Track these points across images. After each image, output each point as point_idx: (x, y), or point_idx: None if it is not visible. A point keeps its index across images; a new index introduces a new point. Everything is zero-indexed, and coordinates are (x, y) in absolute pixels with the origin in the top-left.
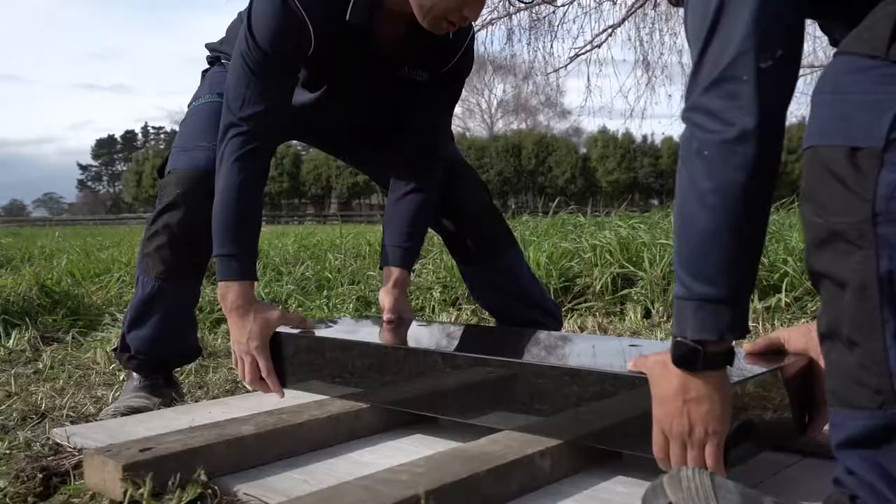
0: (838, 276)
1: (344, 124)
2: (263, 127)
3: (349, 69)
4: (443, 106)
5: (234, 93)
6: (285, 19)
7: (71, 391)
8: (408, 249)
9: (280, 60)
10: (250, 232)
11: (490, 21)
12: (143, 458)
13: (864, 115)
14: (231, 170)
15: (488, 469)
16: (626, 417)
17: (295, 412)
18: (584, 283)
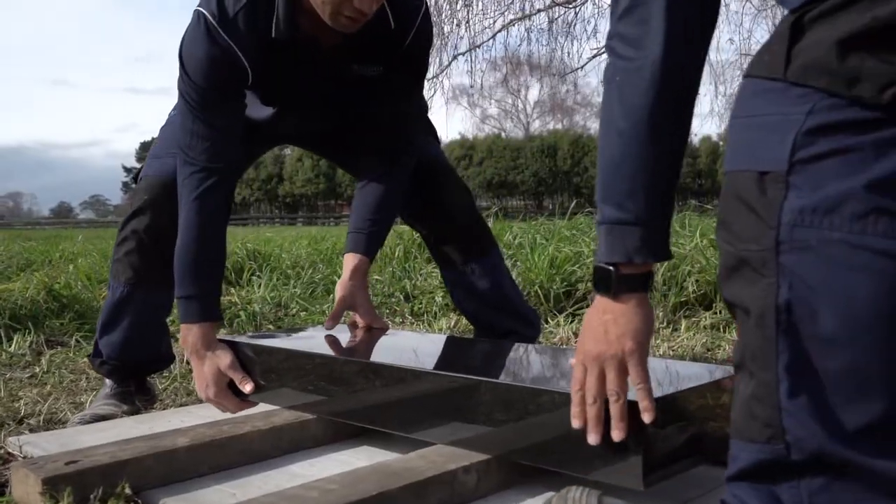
0: (743, 305)
1: (310, 130)
2: (216, 159)
3: (296, 80)
4: (403, 93)
5: (181, 131)
6: (214, 53)
7: (55, 396)
8: (369, 235)
9: (218, 92)
10: (211, 272)
11: (510, 22)
12: (66, 471)
13: (770, 137)
14: (190, 209)
15: (403, 486)
16: (557, 434)
17: (237, 423)
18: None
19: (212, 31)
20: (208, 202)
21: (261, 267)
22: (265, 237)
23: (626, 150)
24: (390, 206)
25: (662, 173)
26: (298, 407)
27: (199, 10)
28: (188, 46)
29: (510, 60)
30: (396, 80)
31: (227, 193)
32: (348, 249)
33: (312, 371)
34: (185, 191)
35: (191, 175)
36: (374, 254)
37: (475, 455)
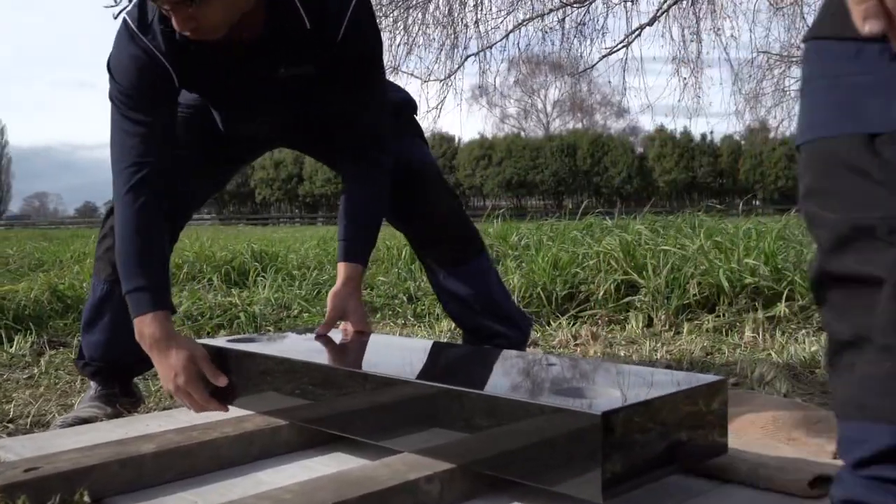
0: (869, 276)
1: (271, 131)
2: (146, 155)
3: (225, 82)
4: (352, 91)
5: (112, 134)
6: (135, 55)
7: (46, 398)
8: (358, 242)
9: (142, 92)
10: (156, 261)
11: (522, 22)
12: (24, 478)
13: (873, 98)
14: (124, 202)
15: (360, 496)
16: (519, 444)
17: (206, 429)
18: (589, 290)
19: (132, 35)
20: (140, 196)
21: (265, 268)
22: (272, 238)
23: None
24: (376, 210)
25: None
26: (270, 412)
27: (124, 15)
28: (113, 49)
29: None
30: (338, 78)
31: (158, 188)
32: (341, 258)
33: (282, 375)
34: (116, 188)
35: (121, 171)
36: (365, 260)
37: (439, 464)
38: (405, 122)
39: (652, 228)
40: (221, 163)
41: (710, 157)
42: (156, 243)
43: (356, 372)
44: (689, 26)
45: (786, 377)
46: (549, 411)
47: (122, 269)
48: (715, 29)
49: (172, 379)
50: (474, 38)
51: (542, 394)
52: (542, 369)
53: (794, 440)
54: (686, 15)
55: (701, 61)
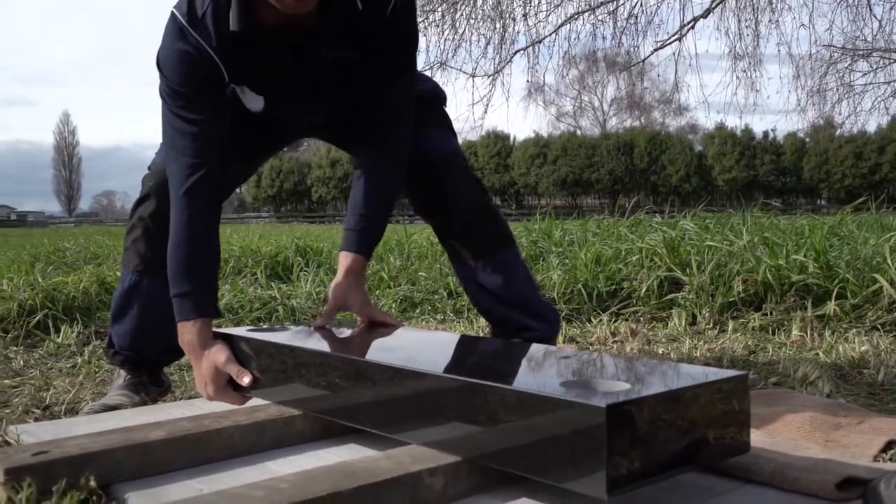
0: None
1: (312, 121)
2: (200, 155)
3: (273, 72)
4: (388, 77)
5: (164, 132)
6: (186, 51)
7: (82, 386)
8: (361, 233)
9: (194, 89)
10: (204, 267)
11: (573, 16)
12: (32, 461)
13: None
14: (180, 204)
15: (356, 487)
16: (525, 439)
17: (218, 418)
18: (631, 286)
19: (182, 30)
20: (195, 198)
21: (308, 262)
22: (318, 233)
23: None
24: (383, 201)
25: None
26: (287, 403)
27: (173, 10)
28: (163, 47)
29: (585, 56)
30: (378, 63)
31: (215, 189)
32: (342, 248)
33: (299, 366)
34: (172, 188)
35: (176, 172)
36: (368, 252)
37: (444, 457)
38: (433, 112)
39: (701, 226)
40: (253, 151)
41: (772, 154)
42: (207, 248)
43: (366, 362)
44: (746, 18)
45: (831, 377)
46: (554, 403)
47: (171, 272)
48: (774, 21)
49: (204, 388)
50: (523, 32)
51: (550, 386)
52: (555, 362)
53: (831, 441)
54: (743, 7)
55: (760, 55)
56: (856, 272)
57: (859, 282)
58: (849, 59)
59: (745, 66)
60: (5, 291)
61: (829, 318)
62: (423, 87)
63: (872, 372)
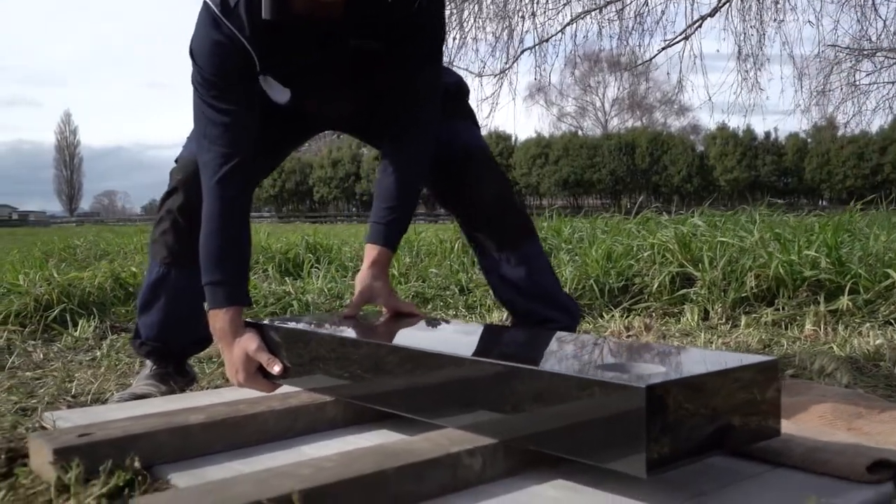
0: None
1: (337, 112)
2: (233, 145)
3: (302, 61)
4: (413, 68)
5: (197, 121)
6: (219, 40)
7: (106, 378)
8: (387, 225)
9: (227, 79)
10: (236, 256)
11: (578, 15)
12: (77, 442)
13: None
14: (212, 194)
15: (398, 466)
16: (563, 420)
17: (252, 403)
18: (643, 282)
19: (216, 20)
20: (227, 187)
21: (319, 260)
22: (327, 232)
23: None
24: (409, 193)
25: None
26: (319, 389)
27: (205, 0)
28: (196, 36)
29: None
30: (403, 54)
31: (246, 178)
32: (368, 240)
33: (331, 353)
34: (204, 178)
35: (209, 162)
36: (394, 244)
37: (481, 439)
38: (457, 105)
39: (710, 223)
40: (278, 143)
41: (773, 155)
42: (239, 237)
43: (405, 349)
44: (751, 18)
45: (847, 369)
46: (594, 385)
47: (203, 261)
48: (779, 21)
49: (234, 375)
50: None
51: (587, 369)
52: (588, 348)
53: (853, 430)
54: (748, 7)
55: (763, 55)
56: (868, 268)
57: (871, 277)
58: (853, 59)
59: (749, 66)
60: (22, 286)
61: (841, 313)
62: (449, 80)
63: (889, 365)
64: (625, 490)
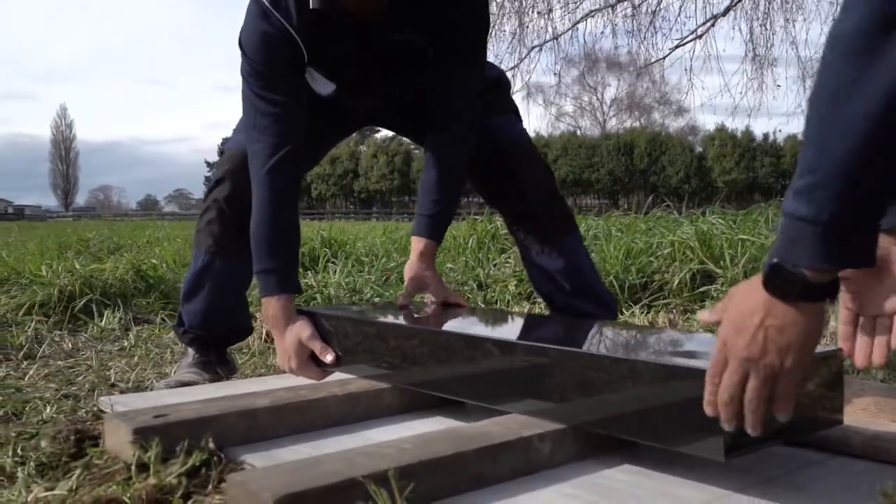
0: None
1: (379, 105)
2: (282, 135)
3: (347, 53)
4: (457, 63)
5: (246, 112)
6: (268, 32)
7: (142, 367)
8: (433, 217)
9: (277, 70)
10: (288, 244)
11: (590, 13)
12: (155, 423)
13: None
14: (263, 183)
15: (477, 448)
16: (638, 405)
17: (314, 388)
18: (662, 279)
19: (265, 11)
20: (278, 177)
21: (335, 254)
22: (339, 227)
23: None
24: (453, 185)
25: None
26: (375, 377)
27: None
28: (245, 28)
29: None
30: (446, 49)
31: (296, 168)
32: (415, 232)
33: (390, 341)
34: (254, 167)
35: (259, 152)
36: (440, 236)
37: (549, 424)
38: (499, 99)
39: (726, 222)
40: (322, 136)
41: (772, 157)
42: (289, 225)
43: (467, 335)
44: (758, 18)
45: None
46: (673, 372)
47: (255, 249)
48: (785, 23)
49: (287, 361)
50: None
51: (660, 356)
52: (648, 336)
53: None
54: (755, 8)
55: (771, 56)
56: None
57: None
58: None
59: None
60: (45, 277)
61: None
62: (490, 73)
63: None
64: (693, 474)
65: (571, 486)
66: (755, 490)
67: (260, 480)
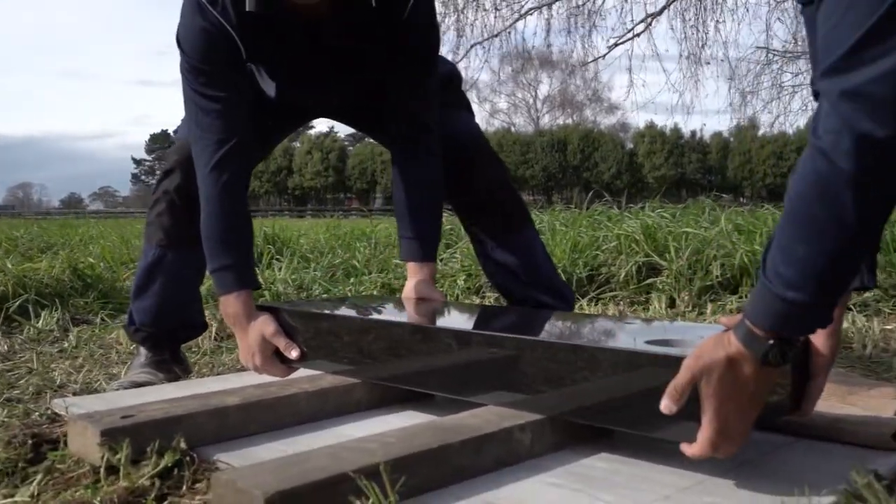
0: None
1: (324, 103)
2: (226, 132)
3: (287, 55)
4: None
5: (187, 109)
6: (205, 28)
7: (87, 368)
8: (428, 240)
9: (215, 67)
10: (241, 240)
11: (528, 11)
12: (123, 424)
13: None
14: (209, 181)
15: (461, 440)
16: (615, 393)
17: (284, 385)
18: (609, 272)
19: (202, 7)
20: (224, 173)
21: (279, 251)
22: (279, 224)
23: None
24: (438, 202)
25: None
26: (341, 372)
27: None
28: (182, 24)
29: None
30: (395, 57)
31: (242, 163)
32: (409, 257)
33: (355, 336)
34: (199, 166)
35: (203, 150)
36: (434, 256)
37: (528, 415)
38: (451, 94)
39: (671, 215)
40: (269, 131)
41: (699, 153)
42: (241, 221)
43: (439, 328)
44: (690, 19)
45: None
46: (646, 359)
47: (209, 248)
48: (716, 22)
49: (250, 358)
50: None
51: (634, 344)
52: (619, 325)
53: (849, 404)
54: (687, 8)
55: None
56: None
57: None
58: (780, 61)
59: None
60: None
61: None
62: (443, 69)
63: (859, 347)
64: (669, 461)
65: (554, 476)
66: (732, 474)
67: (248, 478)
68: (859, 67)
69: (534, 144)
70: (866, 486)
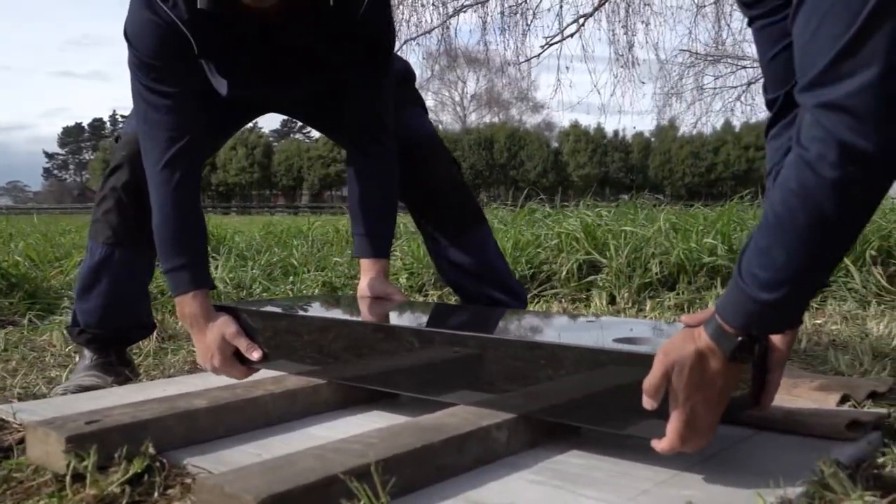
0: None
1: (278, 101)
2: (178, 129)
3: (241, 52)
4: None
5: (136, 106)
6: (155, 23)
7: (23, 372)
8: (382, 237)
9: (165, 62)
10: (194, 239)
11: (462, 8)
12: (89, 430)
13: None
14: (160, 178)
15: (443, 440)
16: (585, 391)
17: (250, 387)
18: (551, 269)
19: (152, 2)
20: (176, 171)
21: (215, 249)
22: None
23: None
24: (394, 201)
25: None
26: (303, 372)
27: None
28: (130, 19)
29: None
30: (351, 59)
31: (193, 160)
32: (362, 254)
33: (319, 335)
34: (149, 164)
35: (153, 147)
36: (387, 253)
37: (502, 414)
38: (405, 92)
39: (606, 213)
40: (220, 126)
41: (621, 153)
42: (193, 219)
43: (408, 328)
44: (619, 20)
45: None
46: (614, 357)
47: (162, 248)
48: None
49: (209, 359)
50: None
51: (602, 342)
52: (583, 324)
53: (794, 396)
54: (616, 10)
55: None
56: None
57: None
58: (703, 64)
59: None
60: None
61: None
62: (397, 66)
63: (794, 342)
64: (640, 457)
65: (533, 473)
66: (701, 468)
67: (236, 483)
68: (839, 81)
69: (461, 142)
70: (832, 475)
